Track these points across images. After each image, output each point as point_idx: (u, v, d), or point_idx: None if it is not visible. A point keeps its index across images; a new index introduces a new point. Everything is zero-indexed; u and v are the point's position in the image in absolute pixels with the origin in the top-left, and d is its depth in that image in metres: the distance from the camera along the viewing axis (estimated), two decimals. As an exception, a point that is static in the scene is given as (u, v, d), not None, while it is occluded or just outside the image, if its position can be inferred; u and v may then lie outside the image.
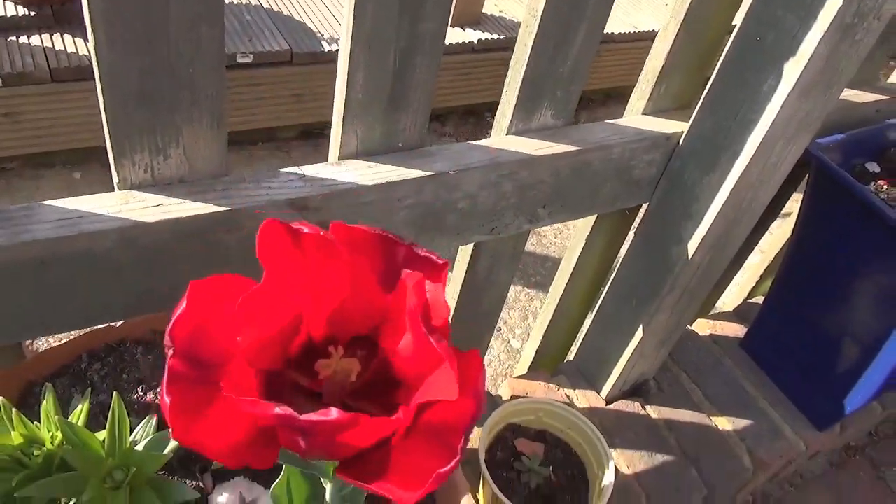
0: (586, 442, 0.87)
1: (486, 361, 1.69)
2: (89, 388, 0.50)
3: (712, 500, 1.04)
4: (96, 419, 0.54)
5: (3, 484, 0.41)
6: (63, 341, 0.57)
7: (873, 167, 1.07)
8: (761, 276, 1.40)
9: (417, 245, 0.29)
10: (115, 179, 0.57)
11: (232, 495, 0.52)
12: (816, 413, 1.13)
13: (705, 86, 0.80)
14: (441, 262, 0.29)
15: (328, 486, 0.46)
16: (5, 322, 0.54)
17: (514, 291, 1.89)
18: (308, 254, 0.28)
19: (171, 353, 0.26)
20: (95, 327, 0.59)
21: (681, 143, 0.84)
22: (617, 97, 2.76)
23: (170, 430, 0.44)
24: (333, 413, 0.23)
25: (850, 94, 1.04)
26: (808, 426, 1.13)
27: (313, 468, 0.43)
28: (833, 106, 0.77)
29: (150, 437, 0.45)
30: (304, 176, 0.64)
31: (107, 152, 0.55)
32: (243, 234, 0.60)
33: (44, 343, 1.19)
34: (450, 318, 0.93)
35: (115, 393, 0.42)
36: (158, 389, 0.57)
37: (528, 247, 1.98)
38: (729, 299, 1.47)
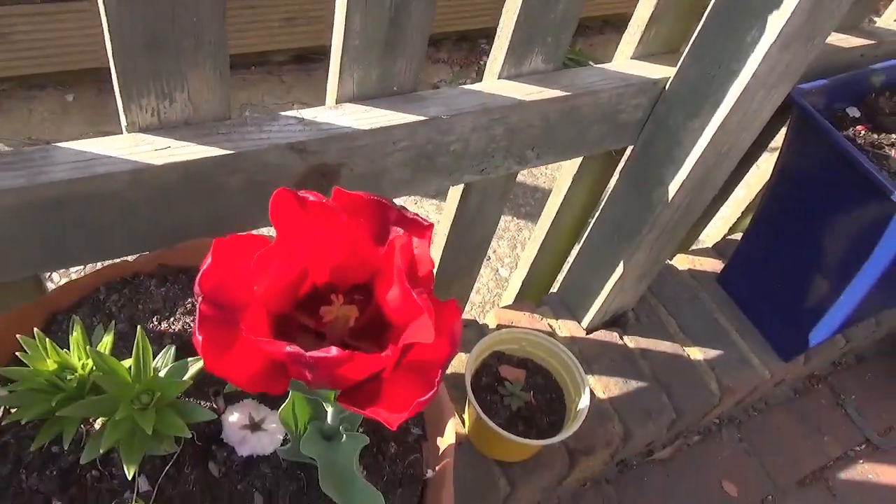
0: (565, 369, 0.94)
1: (475, 289, 1.76)
2: (113, 321, 0.55)
3: (680, 423, 1.13)
4: (115, 346, 0.59)
5: (42, 404, 0.46)
6: (82, 275, 0.61)
7: (854, 112, 1.10)
8: (744, 211, 1.44)
9: (405, 209, 0.34)
10: (124, 123, 0.60)
11: (242, 415, 0.58)
12: (783, 345, 1.20)
13: (693, 30, 0.82)
14: (426, 223, 0.33)
15: (329, 410, 0.51)
16: (27, 255, 0.58)
17: (504, 221, 1.93)
18: (313, 217, 0.32)
19: (200, 299, 0.30)
20: (111, 261, 0.63)
21: (667, 88, 0.87)
22: (615, 24, 2.72)
23: (187, 359, 0.49)
24: (333, 351, 0.28)
25: (835, 39, 1.06)
26: (775, 357, 1.21)
27: (317, 395, 0.48)
28: (814, 57, 0.79)
29: (171, 365, 0.50)
30: (304, 120, 0.66)
31: (100, 75, 0.58)
32: (244, 177, 0.64)
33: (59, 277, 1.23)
34: (440, 255, 0.98)
35: (139, 326, 0.47)
36: (171, 319, 0.62)
37: (519, 178, 2.01)
38: (713, 231, 1.52)
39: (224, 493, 0.56)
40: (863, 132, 1.08)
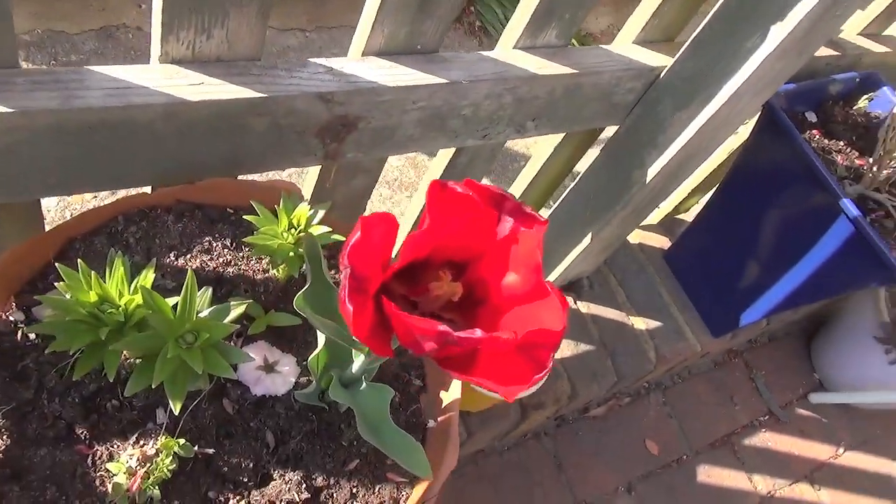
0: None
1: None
2: (154, 259, 0.55)
3: (619, 386, 1.22)
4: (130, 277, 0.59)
5: (88, 335, 0.47)
6: (101, 204, 0.60)
7: (812, 117, 1.19)
8: (691, 192, 1.53)
9: (524, 203, 0.36)
10: (157, 53, 0.58)
11: (257, 357, 0.60)
12: (715, 322, 1.31)
13: (689, 22, 0.86)
14: (542, 219, 0.36)
15: (357, 361, 0.54)
16: (47, 177, 0.57)
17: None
18: (457, 206, 0.34)
19: (348, 270, 0.32)
20: (130, 193, 0.62)
21: (661, 76, 0.91)
22: None
23: (230, 302, 0.50)
24: (478, 333, 0.31)
25: (808, 47, 1.13)
26: (706, 332, 1.32)
27: (355, 345, 0.51)
28: (798, 69, 0.86)
29: (211, 307, 0.51)
30: (332, 70, 0.67)
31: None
32: (271, 120, 0.64)
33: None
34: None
35: (189, 269, 0.48)
36: (188, 256, 0.62)
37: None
38: (663, 207, 1.60)
39: (238, 429, 0.58)
40: (817, 136, 1.17)
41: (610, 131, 1.02)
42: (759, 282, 1.21)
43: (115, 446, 0.53)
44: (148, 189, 0.65)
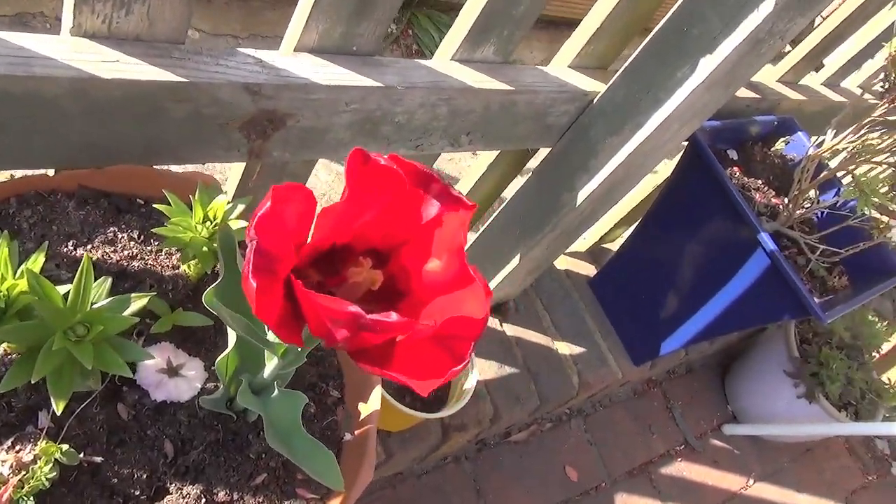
0: (456, 349, 0.98)
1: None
2: (44, 243, 0.50)
3: (541, 410, 1.21)
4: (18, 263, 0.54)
5: (-41, 321, 0.41)
6: (-9, 182, 0.55)
7: (733, 154, 1.24)
8: (617, 223, 1.56)
9: (451, 185, 0.34)
10: (69, 24, 0.54)
11: (160, 358, 0.55)
12: (637, 351, 1.33)
13: (621, 54, 0.88)
14: (470, 203, 0.34)
15: (270, 364, 0.51)
16: (-71, 151, 0.51)
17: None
18: (379, 181, 0.32)
19: (253, 244, 0.29)
20: (28, 174, 0.57)
21: (594, 102, 0.92)
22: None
23: (130, 294, 0.46)
24: (393, 316, 0.29)
25: (732, 87, 1.18)
26: (628, 360, 1.33)
27: (268, 346, 0.47)
28: (725, 102, 0.88)
29: (109, 298, 0.47)
30: (262, 62, 0.64)
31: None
32: (192, 108, 0.60)
33: None
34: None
35: (85, 253, 0.43)
36: (89, 247, 0.57)
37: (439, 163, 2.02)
38: (590, 235, 1.62)
39: (132, 436, 0.53)
40: (737, 173, 1.22)
41: (537, 160, 1.02)
42: (679, 312, 1.23)
43: (-13, 451, 0.47)
44: (51, 172, 0.60)
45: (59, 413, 0.42)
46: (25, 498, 0.45)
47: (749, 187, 1.21)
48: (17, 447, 0.48)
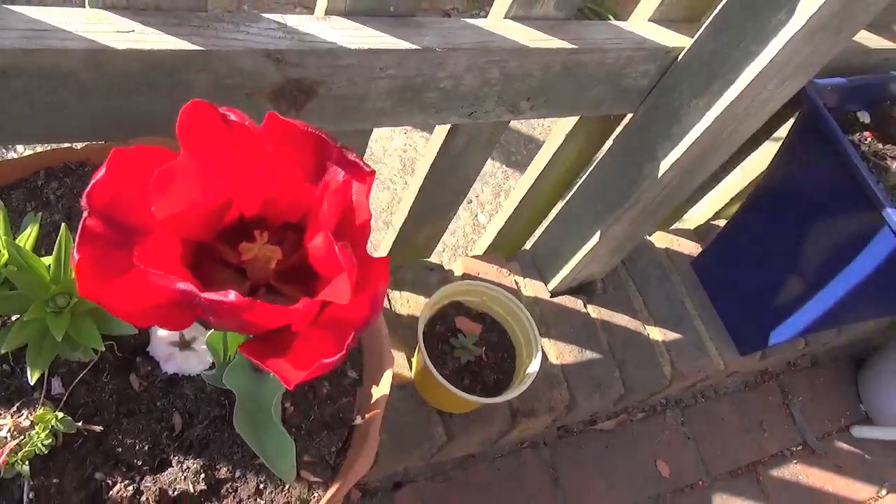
0: (521, 330, 0.92)
1: (450, 231, 1.73)
2: (38, 213, 0.51)
3: (626, 399, 1.13)
4: (49, 237, 0.55)
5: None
6: (23, 155, 0.57)
7: (865, 117, 1.06)
8: (733, 198, 1.41)
9: (349, 148, 0.30)
10: (89, -4, 0.54)
11: (172, 332, 0.55)
12: (743, 339, 1.20)
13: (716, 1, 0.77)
14: (368, 169, 0.29)
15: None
16: (-38, 125, 0.54)
17: (491, 167, 1.88)
18: (233, 139, 0.28)
19: (86, 213, 0.26)
20: (56, 146, 0.59)
21: (678, 59, 0.82)
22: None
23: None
24: (231, 296, 0.25)
25: (862, 38, 1.01)
26: (733, 349, 1.21)
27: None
28: (838, 52, 0.75)
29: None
30: (286, 27, 0.61)
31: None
32: (213, 78, 0.59)
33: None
34: (415, 193, 0.95)
35: (63, 224, 0.43)
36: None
37: (515, 125, 1.95)
38: (699, 213, 1.48)
39: (141, 407, 0.53)
40: (869, 139, 1.04)
41: (626, 121, 0.93)
42: (792, 297, 1.09)
43: (-3, 414, 0.49)
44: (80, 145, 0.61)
45: (32, 382, 0.42)
46: (21, 462, 0.46)
47: (884, 155, 1.04)
48: (24, 413, 0.49)
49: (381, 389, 0.56)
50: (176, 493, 0.51)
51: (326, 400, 0.58)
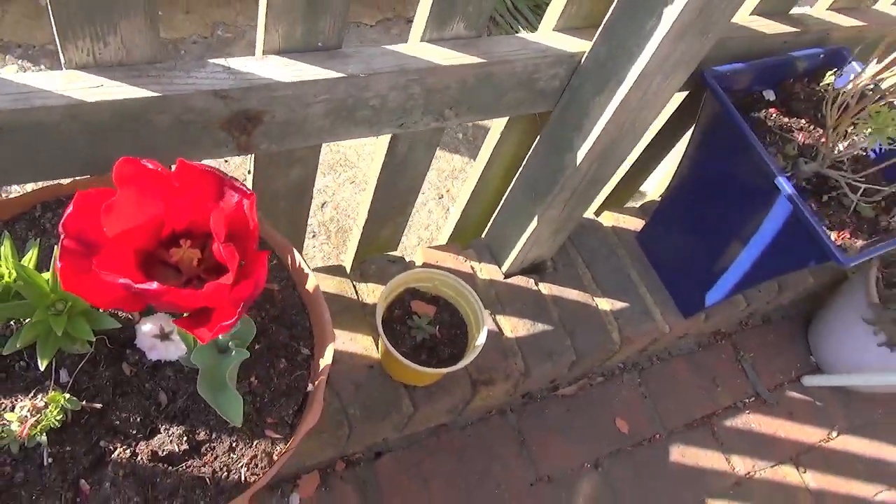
0: (470, 308, 1.05)
1: (424, 225, 1.86)
2: (37, 239, 0.64)
3: (580, 365, 1.25)
4: (49, 259, 0.68)
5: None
6: (20, 193, 0.70)
7: (770, 95, 1.18)
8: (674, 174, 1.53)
9: (235, 179, 0.42)
10: (63, 60, 0.67)
11: (154, 326, 0.68)
12: (684, 302, 1.32)
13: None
14: (249, 192, 0.42)
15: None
16: (-30, 173, 0.66)
17: (461, 162, 2.01)
18: (153, 180, 0.41)
19: (63, 236, 0.38)
20: (48, 183, 0.71)
21: (581, 62, 0.94)
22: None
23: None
24: (154, 285, 0.38)
25: (759, 25, 1.13)
26: (677, 313, 1.33)
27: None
28: (709, 48, 0.87)
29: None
30: (230, 69, 0.74)
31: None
32: (172, 117, 0.72)
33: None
34: (370, 198, 1.06)
35: (56, 246, 0.56)
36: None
37: (484, 122, 2.07)
38: (652, 190, 1.59)
39: (133, 388, 0.66)
40: (774, 115, 1.16)
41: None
42: (719, 260, 1.21)
43: (18, 399, 0.62)
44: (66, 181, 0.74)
45: (41, 368, 0.55)
46: (39, 434, 0.59)
47: (790, 128, 1.16)
48: (40, 397, 0.62)
49: (325, 360, 0.68)
50: (164, 453, 0.64)
51: (284, 373, 0.70)
